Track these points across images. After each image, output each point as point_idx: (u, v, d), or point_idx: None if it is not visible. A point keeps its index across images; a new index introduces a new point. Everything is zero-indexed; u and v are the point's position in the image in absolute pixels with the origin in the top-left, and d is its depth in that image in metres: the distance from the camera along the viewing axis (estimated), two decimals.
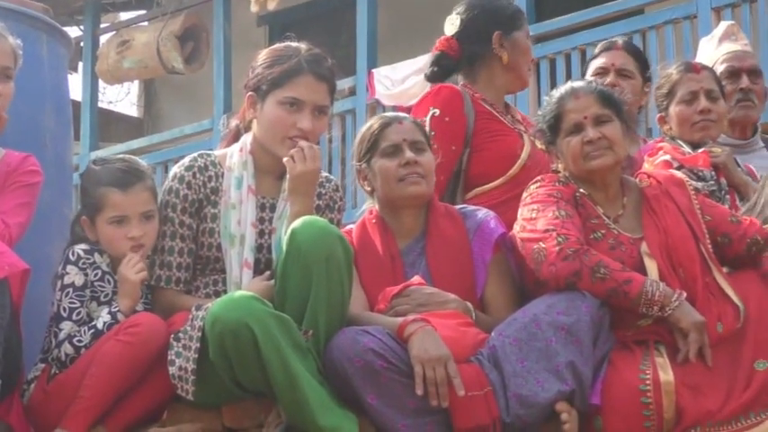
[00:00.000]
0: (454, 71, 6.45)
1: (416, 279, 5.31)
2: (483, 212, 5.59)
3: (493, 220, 5.52)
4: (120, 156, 6.03)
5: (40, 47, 5.94)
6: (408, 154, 5.48)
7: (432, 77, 6.53)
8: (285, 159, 5.42)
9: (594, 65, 6.99)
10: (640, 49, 8.04)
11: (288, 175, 5.44)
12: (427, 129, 6.08)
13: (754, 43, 9.96)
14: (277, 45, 5.81)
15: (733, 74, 7.14)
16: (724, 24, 8.16)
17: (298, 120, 5.50)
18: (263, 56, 5.69)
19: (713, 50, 7.53)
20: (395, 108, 6.69)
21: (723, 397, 5.11)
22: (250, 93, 5.58)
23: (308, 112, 5.54)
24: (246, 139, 5.60)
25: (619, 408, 5.09)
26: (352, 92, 13.96)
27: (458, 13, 6.53)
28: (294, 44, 5.77)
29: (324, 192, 5.72)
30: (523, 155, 6.21)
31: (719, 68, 7.07)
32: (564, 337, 5.08)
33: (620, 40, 7.45)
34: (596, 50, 7.33)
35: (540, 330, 5.08)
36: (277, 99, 5.51)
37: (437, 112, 6.22)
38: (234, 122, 5.89)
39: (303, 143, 5.44)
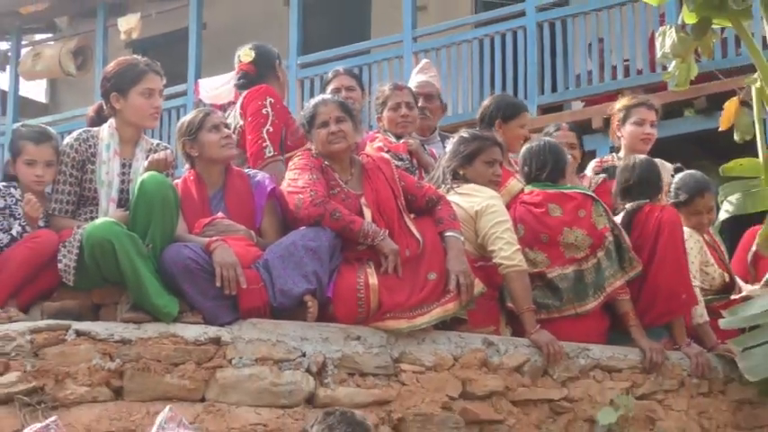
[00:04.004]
0: (252, 83, 6.44)
1: (219, 215, 5.35)
2: (261, 175, 5.63)
3: (267, 180, 5.55)
4: (39, 124, 6.06)
5: None
6: (225, 131, 5.56)
7: (240, 87, 6.49)
8: (147, 162, 5.48)
9: (330, 87, 7.01)
10: (357, 72, 8.07)
11: (147, 164, 5.47)
12: (268, 111, 6.13)
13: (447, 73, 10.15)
14: (119, 60, 5.79)
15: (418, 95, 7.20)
16: (423, 61, 8.32)
17: (153, 102, 5.56)
18: (113, 68, 5.66)
19: (413, 77, 7.67)
20: (211, 105, 6.75)
21: (408, 295, 5.28)
22: (114, 93, 5.54)
23: (157, 95, 5.59)
24: (112, 120, 5.57)
25: (342, 299, 5.23)
26: (185, 93, 13.91)
27: (251, 49, 6.51)
28: (132, 57, 5.81)
29: None
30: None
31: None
32: (311, 255, 5.19)
33: (341, 69, 7.53)
34: (328, 77, 7.39)
35: (297, 250, 5.18)
36: (138, 92, 5.50)
37: (272, 100, 6.19)
38: (90, 111, 5.92)
39: (165, 156, 5.53)
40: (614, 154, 7.28)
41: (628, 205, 6.23)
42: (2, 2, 16.13)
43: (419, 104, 7.09)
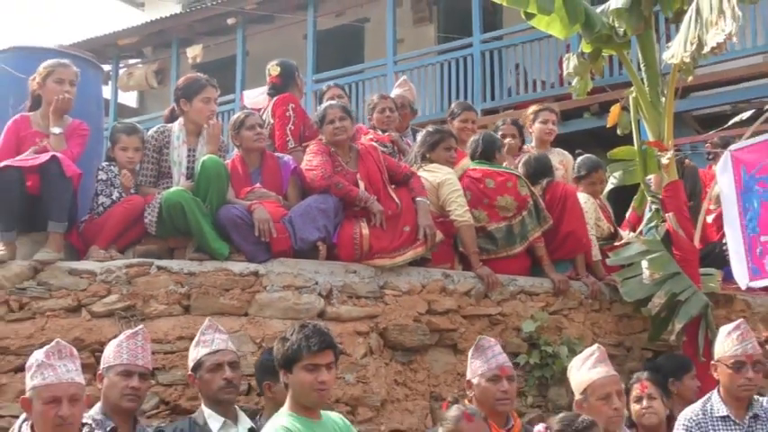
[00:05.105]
0: (279, 92, 6.33)
1: (257, 185, 5.30)
2: (287, 157, 5.56)
3: (291, 161, 5.50)
4: (131, 122, 6.02)
5: (88, 72, 5.78)
6: (258, 129, 5.44)
7: (270, 95, 6.39)
8: (205, 128, 5.44)
9: (326, 96, 6.82)
10: (344, 87, 7.81)
11: (204, 136, 5.44)
12: (290, 114, 6.06)
13: (417, 87, 10.02)
14: (186, 76, 5.74)
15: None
16: (401, 78, 8.15)
17: (210, 107, 5.49)
18: (182, 82, 5.61)
19: (393, 91, 7.45)
20: (252, 109, 6.65)
21: (390, 241, 5.27)
22: (183, 98, 5.49)
23: (213, 102, 5.52)
24: (181, 118, 5.52)
25: (344, 244, 5.20)
26: (234, 101, 13.81)
27: (277, 65, 6.41)
28: (196, 74, 5.73)
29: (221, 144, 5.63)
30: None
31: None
32: (322, 214, 5.17)
33: (332, 83, 7.37)
34: (323, 90, 7.24)
35: (311, 210, 5.16)
36: (199, 99, 5.44)
37: (293, 105, 6.12)
38: (165, 113, 5.86)
39: (211, 124, 5.46)
40: (530, 144, 7.24)
41: (544, 182, 6.20)
42: (105, 37, 16.03)
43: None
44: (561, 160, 7.04)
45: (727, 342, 4.26)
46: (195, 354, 3.97)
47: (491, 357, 4.10)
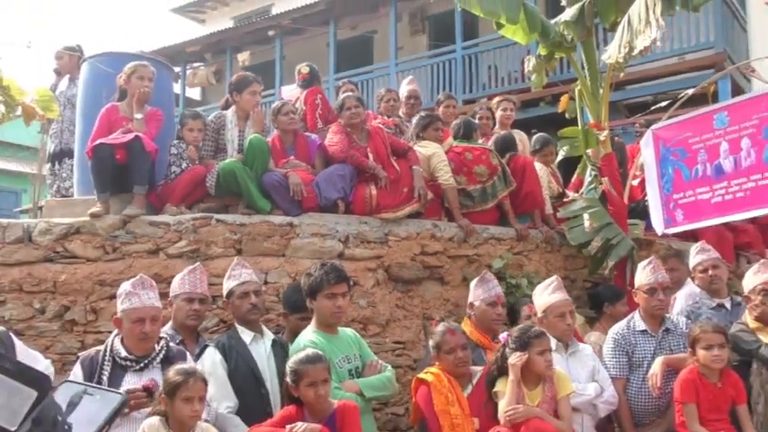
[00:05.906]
0: (308, 86, 6.28)
1: (291, 158, 5.24)
2: (314, 136, 5.49)
3: (317, 139, 5.43)
4: (195, 110, 5.95)
5: (162, 72, 5.70)
6: (291, 115, 5.36)
7: (301, 87, 6.36)
8: (252, 114, 5.35)
9: (342, 89, 6.63)
10: (356, 83, 7.59)
11: (251, 120, 5.36)
12: (319, 102, 5.99)
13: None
14: (238, 74, 5.62)
15: (408, 97, 6.89)
16: (409, 77, 7.76)
17: (255, 99, 5.39)
18: (235, 79, 5.49)
19: (404, 86, 7.10)
20: (287, 99, 6.53)
21: (392, 199, 5.20)
22: (235, 92, 5.40)
23: (258, 95, 5.43)
24: (234, 107, 5.43)
25: (357, 202, 5.13)
26: (273, 94, 13.66)
27: (306, 66, 6.36)
28: (245, 73, 5.61)
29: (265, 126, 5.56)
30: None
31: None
32: (341, 179, 5.11)
33: (346, 80, 7.21)
34: (339, 85, 6.92)
35: (333, 176, 5.10)
36: (247, 92, 5.35)
37: (321, 96, 6.07)
38: (221, 103, 5.76)
39: (257, 111, 5.38)
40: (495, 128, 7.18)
41: (509, 155, 6.13)
42: (175, 45, 15.82)
43: (411, 101, 6.87)
44: (519, 138, 6.98)
45: (643, 274, 4.25)
46: (227, 285, 3.89)
47: (491, 288, 4.12)
